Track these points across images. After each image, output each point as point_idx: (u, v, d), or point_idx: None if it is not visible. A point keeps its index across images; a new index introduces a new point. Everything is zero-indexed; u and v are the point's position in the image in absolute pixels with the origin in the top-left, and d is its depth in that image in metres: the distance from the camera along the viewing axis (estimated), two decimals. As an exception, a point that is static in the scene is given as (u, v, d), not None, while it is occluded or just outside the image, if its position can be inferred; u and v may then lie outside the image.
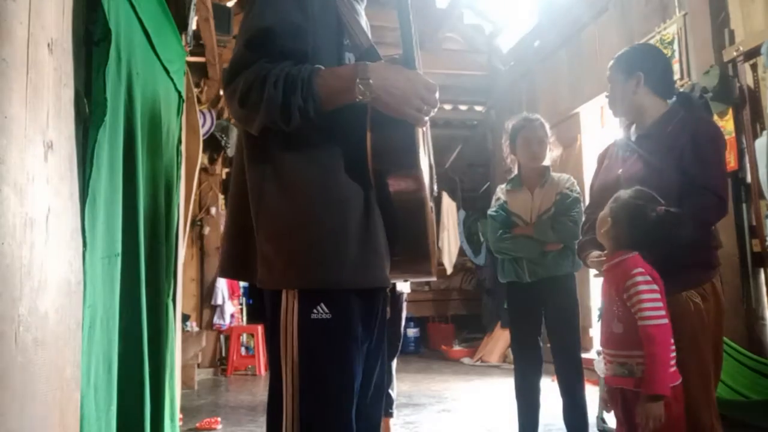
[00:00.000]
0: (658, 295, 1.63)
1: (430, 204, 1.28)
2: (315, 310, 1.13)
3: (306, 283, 1.14)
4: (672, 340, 1.62)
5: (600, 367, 1.85)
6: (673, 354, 1.63)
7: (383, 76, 1.12)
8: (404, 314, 3.07)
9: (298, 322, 1.13)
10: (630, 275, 1.65)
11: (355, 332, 1.17)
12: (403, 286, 3.02)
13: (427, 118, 1.18)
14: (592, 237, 1.91)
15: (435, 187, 1.41)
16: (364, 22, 1.35)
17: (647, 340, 1.60)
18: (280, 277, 1.15)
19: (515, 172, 2.80)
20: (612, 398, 1.76)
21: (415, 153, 1.15)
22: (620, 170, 1.93)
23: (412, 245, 1.21)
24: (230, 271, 1.30)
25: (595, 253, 1.91)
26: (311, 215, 1.14)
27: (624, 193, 1.77)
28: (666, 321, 1.62)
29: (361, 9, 1.35)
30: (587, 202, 2.19)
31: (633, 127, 2.01)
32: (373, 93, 1.11)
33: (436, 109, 1.20)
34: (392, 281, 1.35)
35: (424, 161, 1.24)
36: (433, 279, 1.31)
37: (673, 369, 1.63)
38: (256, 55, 1.14)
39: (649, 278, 1.64)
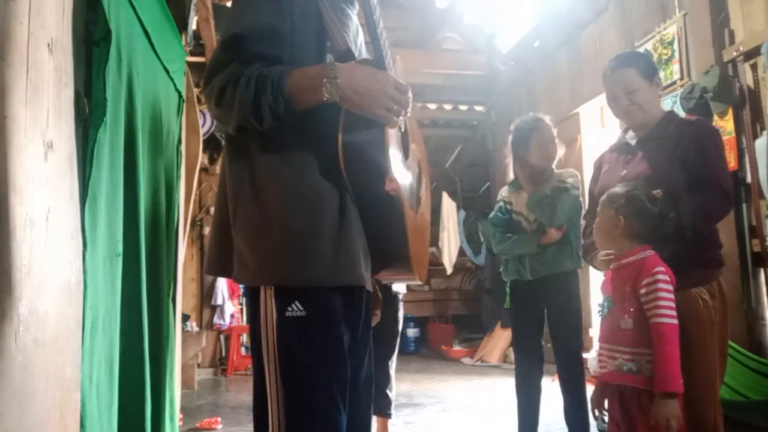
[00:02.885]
0: (673, 296, 1.64)
1: (412, 205, 1.28)
2: (290, 308, 1.15)
3: (279, 280, 1.16)
4: (678, 342, 1.63)
5: (594, 364, 1.84)
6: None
7: (351, 76, 1.14)
8: (401, 314, 3.07)
9: (277, 320, 1.15)
10: (651, 273, 1.65)
11: (334, 329, 1.18)
12: (399, 287, 3.02)
13: (399, 119, 1.20)
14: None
15: (422, 189, 1.41)
16: (354, 25, 1.37)
17: (661, 338, 1.60)
18: (252, 274, 1.18)
19: (511, 175, 2.79)
20: (607, 396, 1.76)
21: (384, 153, 1.17)
22: (624, 172, 1.93)
23: (391, 247, 1.23)
24: (213, 268, 1.33)
25: (603, 252, 1.91)
26: (285, 214, 1.16)
27: (619, 191, 1.79)
28: (676, 322, 1.62)
29: (351, 12, 1.37)
30: (586, 206, 2.19)
31: (629, 132, 2.03)
32: (340, 92, 1.13)
33: (409, 110, 1.22)
34: (383, 282, 1.36)
35: (401, 162, 1.26)
36: (418, 282, 1.32)
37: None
38: (232, 56, 1.17)
39: (668, 278, 1.65)
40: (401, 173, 1.22)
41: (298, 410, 1.14)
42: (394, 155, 1.21)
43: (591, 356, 1.79)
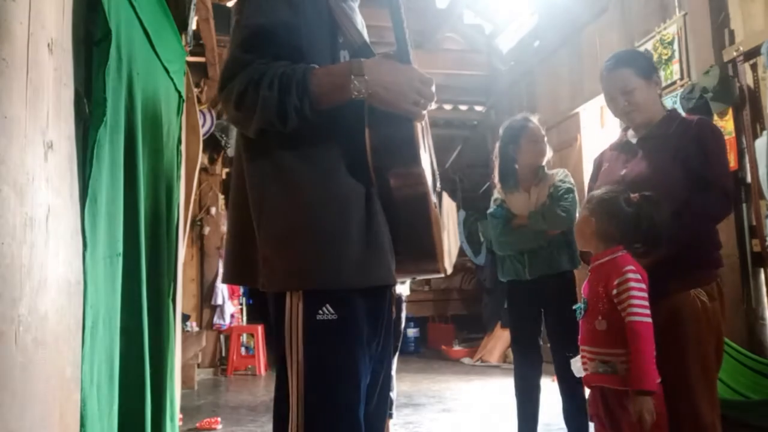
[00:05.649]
0: (645, 294, 1.64)
1: (434, 200, 1.27)
2: (320, 311, 1.12)
3: (310, 284, 1.13)
4: (653, 339, 1.63)
5: (577, 366, 1.84)
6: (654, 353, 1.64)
7: (378, 72, 1.12)
8: (404, 315, 3.08)
9: (303, 324, 1.12)
10: (621, 272, 1.66)
11: (361, 333, 1.16)
12: (403, 289, 3.02)
13: (424, 112, 1.18)
14: None
15: (438, 184, 1.40)
16: (359, 20, 1.34)
17: (634, 336, 1.60)
18: (283, 280, 1.14)
19: (497, 181, 2.81)
20: (592, 398, 1.76)
21: (415, 148, 1.15)
22: (623, 171, 1.93)
23: (417, 242, 1.20)
24: (233, 276, 1.30)
25: None
26: (313, 216, 1.13)
27: (596, 192, 1.81)
28: (650, 320, 1.62)
29: (355, 6, 1.34)
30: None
31: (629, 131, 2.02)
32: (369, 89, 1.11)
33: (433, 103, 1.20)
34: (400, 279, 1.34)
35: (425, 157, 1.23)
36: (443, 275, 1.30)
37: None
38: (250, 56, 1.14)
39: (639, 276, 1.66)
40: (426, 167, 1.20)
41: (322, 412, 1.12)
42: (421, 149, 1.19)
43: (575, 359, 1.80)
